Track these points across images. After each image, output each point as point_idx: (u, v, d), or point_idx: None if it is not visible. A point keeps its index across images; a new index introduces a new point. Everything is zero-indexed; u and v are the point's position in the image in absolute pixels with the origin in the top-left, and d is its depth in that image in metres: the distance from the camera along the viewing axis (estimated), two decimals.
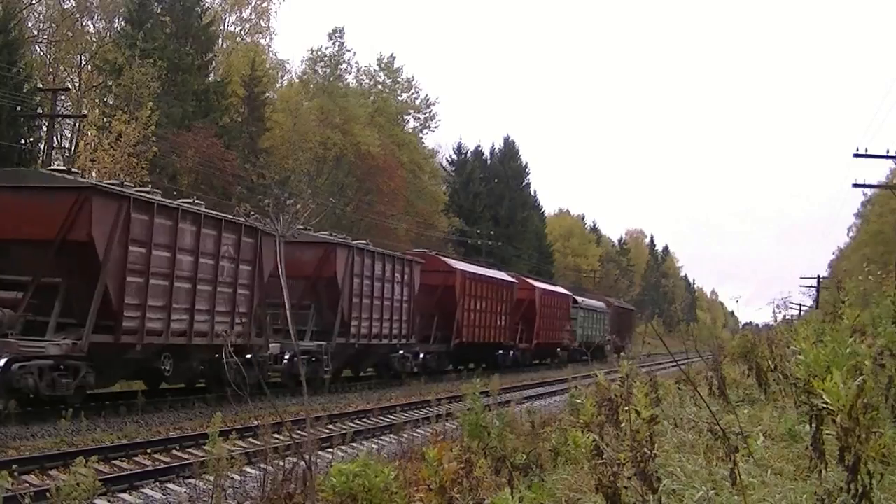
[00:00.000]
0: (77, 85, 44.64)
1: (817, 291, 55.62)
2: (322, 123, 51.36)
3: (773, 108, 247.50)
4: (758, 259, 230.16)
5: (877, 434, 3.80)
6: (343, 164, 54.08)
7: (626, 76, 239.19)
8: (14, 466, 9.57)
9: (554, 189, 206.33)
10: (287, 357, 20.91)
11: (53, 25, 44.58)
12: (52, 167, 18.64)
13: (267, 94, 48.60)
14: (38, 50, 44.56)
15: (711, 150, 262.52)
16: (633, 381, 5.80)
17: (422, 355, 29.51)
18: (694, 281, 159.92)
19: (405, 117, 62.71)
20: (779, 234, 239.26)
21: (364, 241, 26.71)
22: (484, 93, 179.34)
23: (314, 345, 22.17)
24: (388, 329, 26.41)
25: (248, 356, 18.95)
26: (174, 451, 13.12)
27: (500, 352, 36.93)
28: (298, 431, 9.41)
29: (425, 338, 30.31)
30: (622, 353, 56.85)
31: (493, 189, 70.33)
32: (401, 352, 27.68)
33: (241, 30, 54.82)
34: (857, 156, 32.76)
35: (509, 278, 39.62)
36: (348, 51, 58.79)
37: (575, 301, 49.94)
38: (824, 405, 3.83)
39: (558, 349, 46.19)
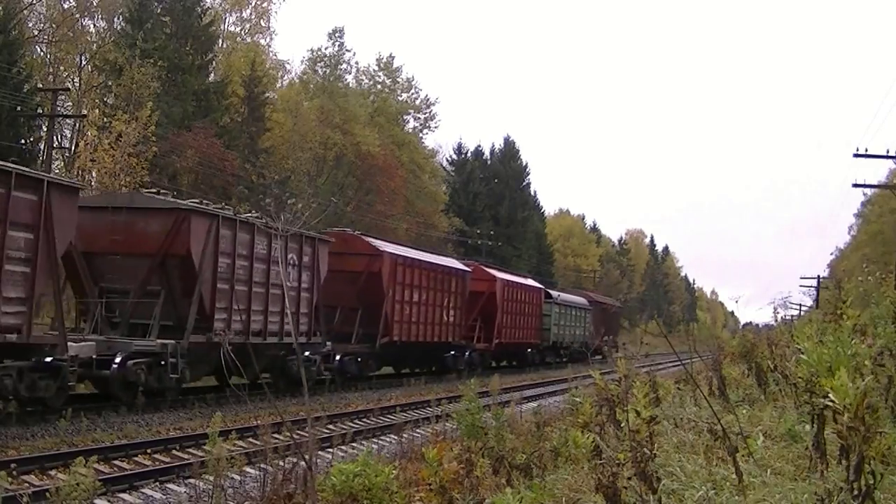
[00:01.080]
0: (77, 85, 44.64)
1: (817, 291, 55.64)
2: (322, 123, 51.40)
3: (773, 108, 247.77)
4: (758, 259, 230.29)
5: (881, 434, 3.80)
6: (343, 164, 54.11)
7: (626, 76, 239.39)
8: (12, 466, 9.55)
9: (554, 189, 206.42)
10: (118, 360, 16.15)
11: (53, 25, 44.59)
12: None
13: (267, 94, 48.64)
14: (39, 50, 44.58)
15: (712, 151, 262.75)
16: (633, 382, 5.80)
17: (338, 357, 23.88)
18: (694, 281, 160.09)
19: (405, 117, 62.79)
20: (779, 234, 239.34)
21: (247, 212, 21.34)
22: (484, 93, 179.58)
23: (157, 344, 17.04)
24: (279, 325, 20.77)
25: (50, 359, 14.68)
26: (174, 451, 13.12)
27: (452, 353, 31.82)
28: (299, 432, 9.42)
29: (345, 336, 24.94)
30: (614, 353, 51.85)
31: (493, 189, 70.34)
32: (306, 353, 21.69)
33: (241, 30, 54.92)
34: (857, 156, 32.83)
35: (460, 266, 33.82)
36: (348, 51, 59.06)
37: (549, 295, 44.18)
38: (829, 404, 3.82)
39: (529, 350, 41.19)
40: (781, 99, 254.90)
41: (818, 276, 60.09)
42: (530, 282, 43.40)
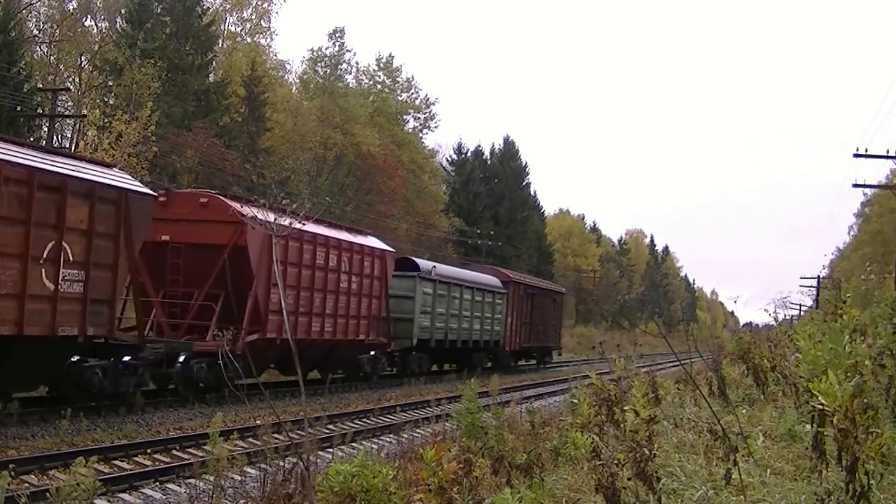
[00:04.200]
0: (77, 85, 44.68)
1: (817, 291, 55.64)
2: (322, 123, 51.43)
3: (773, 107, 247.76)
4: (758, 259, 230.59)
5: (874, 434, 3.80)
6: (343, 164, 54.13)
7: (625, 76, 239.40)
8: (11, 466, 9.56)
9: (554, 189, 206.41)
10: None
11: (54, 26, 44.65)
12: None
13: (267, 95, 48.69)
14: (39, 50, 44.61)
15: (712, 151, 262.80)
16: (632, 382, 5.81)
17: None
18: (694, 281, 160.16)
19: (405, 117, 62.79)
20: (779, 234, 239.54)
21: None
22: (484, 93, 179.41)
23: None
24: None
25: None
26: (174, 451, 13.12)
27: (113, 361, 15.72)
28: (298, 432, 9.42)
29: None
30: (553, 357, 42.31)
31: (493, 189, 70.35)
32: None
33: (241, 30, 54.91)
34: (857, 156, 32.85)
35: (118, 181, 15.62)
36: (348, 51, 59.06)
37: (411, 266, 28.61)
38: (821, 406, 3.83)
39: (371, 353, 24.98)
40: (782, 99, 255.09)
41: (818, 276, 60.14)
42: (362, 239, 24.72)
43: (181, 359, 17.78)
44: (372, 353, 25.02)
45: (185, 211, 19.08)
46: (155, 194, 17.80)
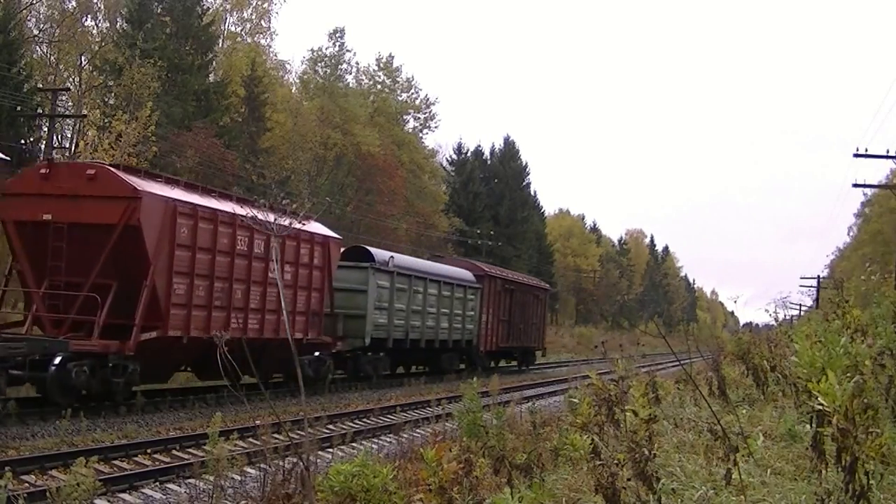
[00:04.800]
0: (77, 85, 44.69)
1: (817, 291, 55.64)
2: (322, 123, 51.45)
3: (773, 107, 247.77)
4: (758, 259, 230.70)
5: (874, 434, 3.80)
6: (343, 164, 54.15)
7: (625, 76, 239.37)
8: (7, 467, 9.56)
9: (554, 189, 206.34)
10: None
11: (54, 26, 44.66)
12: None
13: (267, 95, 48.72)
14: (39, 50, 44.63)
15: (712, 151, 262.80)
16: (631, 382, 5.80)
17: None
18: (694, 281, 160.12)
19: (405, 117, 62.82)
20: (779, 234, 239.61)
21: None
22: (484, 93, 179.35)
23: None
24: None
25: None
26: (174, 451, 13.12)
27: None
28: (298, 432, 9.43)
29: None
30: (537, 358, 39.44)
31: (493, 189, 70.37)
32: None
33: (241, 30, 54.92)
34: (857, 156, 32.87)
35: None
36: (348, 51, 59.12)
37: (364, 256, 25.23)
38: (820, 406, 3.83)
39: (315, 354, 22.14)
40: (782, 99, 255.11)
41: (818, 277, 60.17)
42: (320, 228, 21.92)
43: (56, 361, 14.77)
44: (316, 353, 22.08)
45: (69, 185, 16.16)
46: (7, 158, 14.76)
